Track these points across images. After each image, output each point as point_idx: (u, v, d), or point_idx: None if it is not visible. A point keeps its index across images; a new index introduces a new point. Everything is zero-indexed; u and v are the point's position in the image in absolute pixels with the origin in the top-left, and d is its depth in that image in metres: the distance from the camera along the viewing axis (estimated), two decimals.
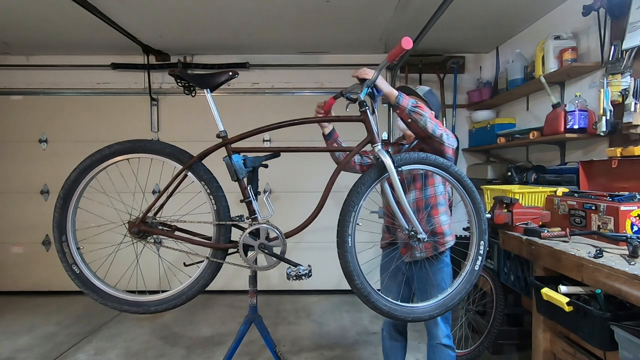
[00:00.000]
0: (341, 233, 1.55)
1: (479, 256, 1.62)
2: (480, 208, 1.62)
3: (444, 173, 1.61)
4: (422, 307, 1.60)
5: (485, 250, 1.62)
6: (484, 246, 1.61)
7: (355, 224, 1.56)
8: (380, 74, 1.57)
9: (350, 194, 1.56)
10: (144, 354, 2.84)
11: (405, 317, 1.58)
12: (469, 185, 1.60)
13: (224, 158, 1.63)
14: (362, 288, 1.53)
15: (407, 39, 1.40)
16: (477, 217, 1.62)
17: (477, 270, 1.62)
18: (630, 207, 1.75)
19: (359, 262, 1.56)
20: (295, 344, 2.98)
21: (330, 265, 1.69)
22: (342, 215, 1.55)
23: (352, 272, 1.52)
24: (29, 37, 3.58)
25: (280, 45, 3.89)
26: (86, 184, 1.66)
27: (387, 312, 1.55)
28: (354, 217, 1.54)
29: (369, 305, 1.55)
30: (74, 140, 4.06)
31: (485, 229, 1.62)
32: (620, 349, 1.41)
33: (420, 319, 1.61)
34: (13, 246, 4.14)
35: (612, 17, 2.37)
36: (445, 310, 1.60)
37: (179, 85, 1.71)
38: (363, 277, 1.55)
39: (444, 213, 1.91)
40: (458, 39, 3.71)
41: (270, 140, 4.15)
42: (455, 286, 1.63)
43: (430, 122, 1.67)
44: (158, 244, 1.81)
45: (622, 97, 2.21)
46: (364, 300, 1.54)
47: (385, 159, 1.56)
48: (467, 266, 1.63)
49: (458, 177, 1.61)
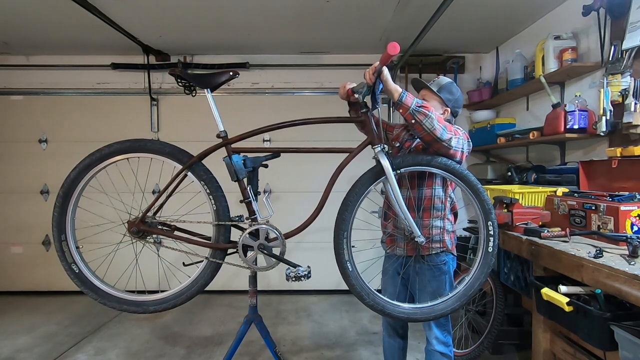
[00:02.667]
0: (339, 260, 1.60)
1: (490, 237, 1.59)
2: (478, 190, 1.59)
3: (447, 174, 1.61)
4: (441, 302, 1.62)
5: (495, 231, 1.59)
6: (492, 226, 1.58)
7: (350, 248, 1.60)
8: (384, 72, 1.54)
9: (344, 207, 1.59)
10: (144, 354, 2.84)
11: (427, 317, 1.61)
12: (469, 178, 1.60)
13: (224, 158, 1.63)
14: (374, 304, 1.60)
15: (393, 44, 1.37)
16: (477, 199, 1.59)
17: (491, 252, 1.59)
18: (630, 207, 1.75)
19: (364, 280, 1.62)
20: (295, 344, 2.98)
21: (330, 265, 1.69)
22: (335, 242, 1.59)
23: (361, 294, 1.59)
24: (29, 37, 3.58)
25: (280, 45, 3.89)
26: (86, 183, 1.66)
27: (407, 317, 1.61)
28: (347, 245, 1.59)
29: (386, 316, 1.64)
30: (73, 140, 4.06)
31: (490, 209, 1.58)
32: (620, 349, 1.41)
33: (442, 314, 1.62)
34: (13, 246, 4.14)
35: (612, 17, 2.37)
36: (466, 299, 1.61)
37: (179, 85, 1.71)
38: (373, 293, 1.60)
39: (438, 218, 1.79)
40: (458, 39, 3.71)
41: (270, 140, 4.14)
42: (473, 272, 1.61)
43: (437, 125, 1.54)
44: (157, 244, 1.81)
45: (622, 97, 2.21)
46: (381, 314, 1.62)
47: (383, 162, 1.56)
48: (480, 250, 1.61)
49: (459, 174, 1.59)
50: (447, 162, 1.60)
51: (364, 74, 1.58)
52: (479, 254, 1.61)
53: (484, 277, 1.60)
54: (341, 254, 1.58)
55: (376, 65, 1.52)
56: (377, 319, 3.40)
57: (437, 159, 1.60)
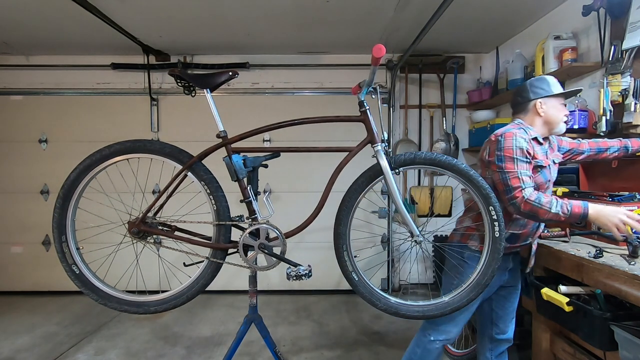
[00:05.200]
0: (344, 272, 1.61)
1: (494, 222, 1.56)
2: (471, 176, 1.57)
3: (435, 167, 1.60)
4: (456, 295, 1.61)
5: (499, 215, 1.56)
6: (495, 211, 1.55)
7: (352, 259, 1.61)
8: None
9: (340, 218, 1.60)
10: (144, 354, 2.84)
11: (443, 312, 1.63)
12: (459, 167, 1.59)
13: (224, 158, 1.63)
14: (387, 307, 1.61)
15: (378, 47, 1.37)
16: (472, 186, 1.57)
17: (498, 236, 1.56)
18: (630, 207, 1.74)
19: (372, 284, 1.63)
20: (295, 344, 2.98)
21: (331, 265, 1.70)
22: (337, 255, 1.61)
23: (372, 300, 1.61)
24: (29, 37, 3.58)
25: (280, 45, 3.89)
26: (86, 184, 1.66)
27: (422, 315, 1.63)
28: (349, 256, 1.60)
29: (402, 317, 1.64)
30: (74, 140, 4.06)
31: (488, 194, 1.55)
32: (620, 349, 1.41)
33: (459, 307, 1.62)
34: (13, 246, 4.14)
35: (612, 17, 2.37)
36: (480, 288, 1.60)
37: (179, 85, 1.71)
38: (384, 297, 1.61)
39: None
40: (458, 39, 3.71)
41: (270, 140, 4.14)
42: (484, 260, 1.59)
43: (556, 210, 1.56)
44: (158, 244, 1.81)
45: (622, 97, 2.21)
46: (396, 315, 1.64)
47: (381, 161, 1.56)
48: (488, 237, 1.58)
49: (447, 165, 1.59)
50: (432, 155, 1.59)
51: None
52: (486, 240, 1.59)
53: (495, 264, 1.58)
54: (345, 266, 1.60)
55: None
56: (378, 318, 3.41)
57: (438, 157, 1.59)
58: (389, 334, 3.13)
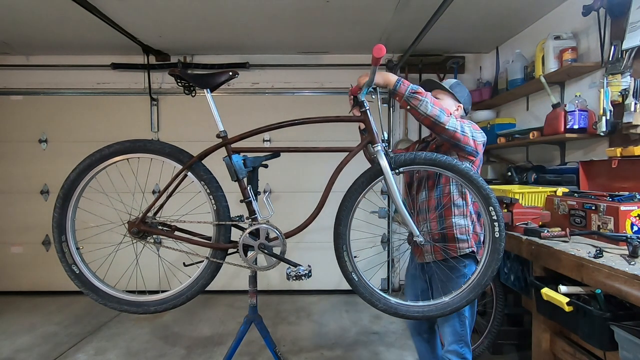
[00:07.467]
0: (344, 273, 1.59)
1: (494, 223, 1.54)
2: (471, 177, 1.54)
3: (435, 168, 1.58)
4: (455, 295, 1.59)
5: (499, 215, 1.54)
6: (494, 211, 1.53)
7: (352, 259, 1.59)
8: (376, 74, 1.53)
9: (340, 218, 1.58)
10: (144, 354, 2.84)
11: (442, 312, 1.60)
12: (459, 168, 1.56)
13: (224, 158, 1.63)
14: (387, 308, 1.59)
15: (378, 47, 1.35)
16: (472, 186, 1.54)
17: (498, 237, 1.54)
18: (630, 207, 1.75)
19: (372, 285, 1.61)
20: (295, 344, 2.98)
21: (330, 265, 1.69)
22: (337, 256, 1.59)
23: (372, 300, 1.60)
24: (29, 37, 3.58)
25: (280, 45, 3.89)
26: (86, 184, 1.66)
27: (422, 315, 1.61)
28: (349, 257, 1.59)
29: (401, 317, 1.63)
30: (74, 140, 4.07)
31: (488, 194, 1.53)
32: (620, 349, 1.41)
33: (459, 307, 1.59)
34: (13, 246, 4.14)
35: (612, 17, 2.37)
36: (480, 289, 1.57)
37: (179, 85, 1.71)
38: (384, 298, 1.60)
39: (460, 216, 1.76)
40: (458, 39, 3.71)
41: (270, 140, 4.14)
42: (483, 260, 1.57)
43: (432, 107, 1.56)
44: (158, 244, 1.81)
45: (622, 97, 2.21)
46: (396, 316, 1.62)
47: (381, 161, 1.56)
48: (488, 237, 1.56)
49: (447, 165, 1.55)
50: (432, 155, 1.56)
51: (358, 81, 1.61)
52: (486, 241, 1.58)
53: (495, 265, 1.56)
54: (345, 266, 1.59)
55: (363, 77, 1.57)
56: (378, 318, 3.41)
57: (439, 157, 1.58)
58: (388, 334, 3.13)
